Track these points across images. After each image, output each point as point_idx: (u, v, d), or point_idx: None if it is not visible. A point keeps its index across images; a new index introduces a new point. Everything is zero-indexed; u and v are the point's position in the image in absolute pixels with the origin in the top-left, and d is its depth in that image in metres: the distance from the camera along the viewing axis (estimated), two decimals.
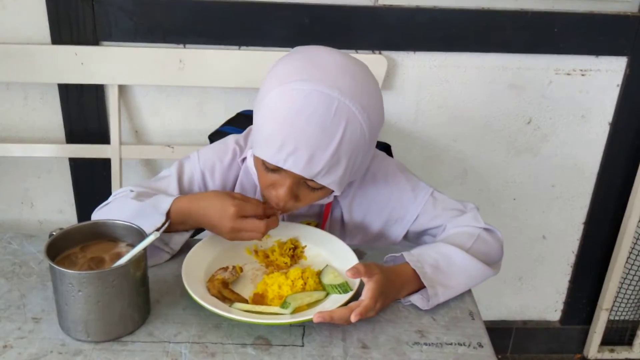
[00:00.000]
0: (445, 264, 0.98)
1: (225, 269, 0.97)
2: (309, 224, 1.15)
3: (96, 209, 1.09)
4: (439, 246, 1.02)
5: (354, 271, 0.89)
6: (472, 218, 1.10)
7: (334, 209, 1.15)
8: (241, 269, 0.99)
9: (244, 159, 1.14)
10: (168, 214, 0.98)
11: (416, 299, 0.95)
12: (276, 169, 0.96)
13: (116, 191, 1.10)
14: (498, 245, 1.09)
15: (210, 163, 1.14)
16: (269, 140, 0.93)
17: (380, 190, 1.14)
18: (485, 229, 1.09)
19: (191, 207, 1.00)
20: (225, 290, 0.93)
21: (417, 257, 0.98)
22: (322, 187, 0.98)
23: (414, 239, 1.18)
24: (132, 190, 1.07)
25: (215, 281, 0.94)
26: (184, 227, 1.03)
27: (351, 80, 0.93)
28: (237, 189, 1.15)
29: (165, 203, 1.00)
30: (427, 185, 1.15)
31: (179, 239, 1.03)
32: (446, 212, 1.12)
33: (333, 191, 1.00)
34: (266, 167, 0.98)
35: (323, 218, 1.15)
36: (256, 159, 1.01)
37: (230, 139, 1.17)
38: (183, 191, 1.11)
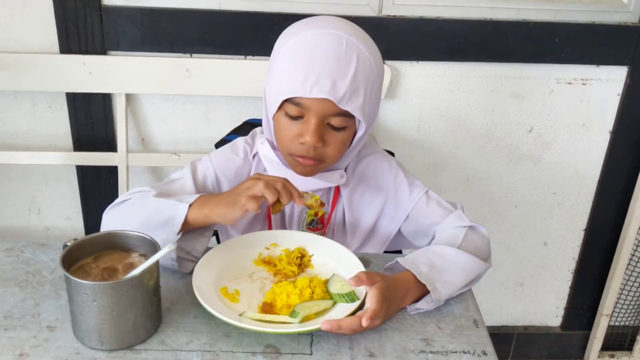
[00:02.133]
0: (439, 262, 1.01)
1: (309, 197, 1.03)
2: (316, 213, 1.19)
3: (109, 207, 1.09)
4: (431, 248, 1.07)
5: (356, 279, 0.92)
6: (457, 218, 1.15)
7: (338, 201, 1.20)
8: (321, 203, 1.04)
9: (254, 156, 1.19)
10: (191, 205, 0.99)
11: (421, 303, 0.97)
12: (300, 116, 1.04)
13: (130, 191, 1.10)
14: (484, 242, 1.13)
15: (223, 162, 1.18)
16: (292, 78, 1.02)
17: (379, 181, 1.20)
18: (471, 227, 1.13)
19: (211, 197, 1.03)
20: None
21: (412, 260, 1.01)
22: (345, 128, 1.06)
23: (407, 235, 1.22)
24: (148, 191, 1.08)
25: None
26: (201, 219, 1.00)
27: (354, 30, 1.06)
28: None
29: (190, 197, 1.01)
30: (423, 184, 1.20)
31: (199, 247, 1.03)
32: (438, 210, 1.17)
33: (354, 135, 1.09)
34: (290, 117, 1.05)
35: (331, 207, 1.20)
36: (277, 117, 1.08)
37: (239, 140, 1.22)
38: (198, 188, 1.15)
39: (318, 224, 1.21)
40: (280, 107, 1.06)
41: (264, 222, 1.21)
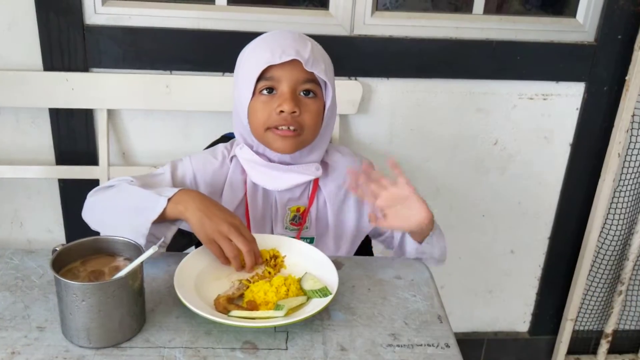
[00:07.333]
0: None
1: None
2: (298, 209, 1.28)
3: (94, 191, 1.19)
4: None
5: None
6: None
7: (318, 197, 1.29)
8: (249, 281, 1.06)
9: (232, 158, 1.27)
10: (169, 199, 1.07)
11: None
12: (273, 88, 1.16)
13: (115, 178, 1.20)
14: None
15: (202, 164, 1.27)
16: (260, 56, 1.15)
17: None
18: None
19: (191, 195, 1.09)
20: (230, 306, 0.99)
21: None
22: (315, 96, 1.19)
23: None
24: (132, 180, 1.17)
25: (221, 299, 1.00)
26: (175, 214, 1.08)
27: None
28: (226, 186, 1.27)
29: (170, 191, 1.09)
30: None
31: (169, 234, 1.11)
32: None
33: (325, 106, 1.21)
34: (264, 95, 1.16)
35: (309, 202, 1.28)
36: (252, 104, 1.18)
37: (219, 146, 1.32)
38: (176, 185, 1.23)
39: (300, 220, 1.29)
40: (253, 93, 1.16)
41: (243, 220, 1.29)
